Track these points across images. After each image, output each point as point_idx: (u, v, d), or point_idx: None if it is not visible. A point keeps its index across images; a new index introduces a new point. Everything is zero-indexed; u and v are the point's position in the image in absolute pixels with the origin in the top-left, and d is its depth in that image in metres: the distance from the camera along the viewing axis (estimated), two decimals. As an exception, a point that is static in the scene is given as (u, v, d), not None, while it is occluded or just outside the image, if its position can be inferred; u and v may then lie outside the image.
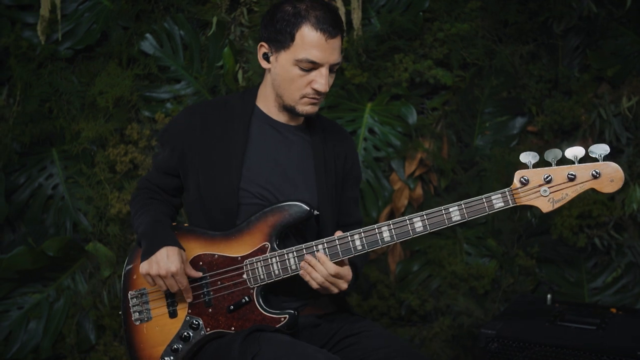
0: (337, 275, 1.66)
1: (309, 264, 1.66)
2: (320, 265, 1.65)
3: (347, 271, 1.70)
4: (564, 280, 2.94)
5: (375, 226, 1.67)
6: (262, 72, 1.87)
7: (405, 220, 1.67)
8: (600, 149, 1.63)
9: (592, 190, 1.65)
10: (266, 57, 1.76)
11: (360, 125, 3.03)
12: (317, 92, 1.72)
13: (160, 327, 1.73)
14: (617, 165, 1.62)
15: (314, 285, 1.68)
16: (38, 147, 3.03)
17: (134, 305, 1.75)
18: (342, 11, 2.93)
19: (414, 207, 2.99)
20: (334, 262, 1.66)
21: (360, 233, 1.66)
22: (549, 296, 2.47)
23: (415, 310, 2.97)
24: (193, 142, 1.79)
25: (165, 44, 2.98)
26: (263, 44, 1.76)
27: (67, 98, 2.98)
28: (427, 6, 2.93)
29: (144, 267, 1.67)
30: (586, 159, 1.65)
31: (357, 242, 1.66)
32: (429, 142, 3.01)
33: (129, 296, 1.75)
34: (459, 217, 1.66)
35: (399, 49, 2.96)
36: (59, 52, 2.96)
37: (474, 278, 2.93)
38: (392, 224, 1.67)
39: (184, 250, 1.71)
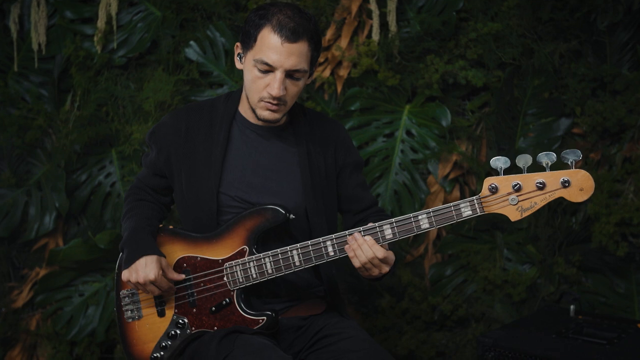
0: (383, 260, 1.70)
1: (356, 242, 1.70)
2: (366, 246, 1.69)
3: (392, 256, 1.74)
4: (611, 291, 2.78)
5: (348, 232, 1.73)
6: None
7: (376, 227, 1.70)
8: (572, 155, 1.59)
9: (562, 199, 1.61)
10: (240, 58, 1.83)
11: (398, 127, 3.02)
12: (271, 96, 1.74)
13: (150, 325, 1.85)
14: (587, 173, 1.59)
15: (356, 263, 1.71)
16: (98, 147, 3.28)
17: (125, 304, 1.88)
18: (376, 14, 2.93)
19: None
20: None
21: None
22: (572, 307, 2.36)
23: (448, 315, 2.92)
24: (178, 146, 1.88)
25: (207, 50, 3.12)
26: (238, 44, 1.83)
27: (121, 102, 3.21)
28: (462, 6, 2.86)
29: (125, 274, 1.79)
30: (559, 164, 1.61)
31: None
32: (465, 144, 2.94)
33: (121, 295, 1.89)
34: (427, 225, 1.68)
35: (433, 50, 2.91)
36: (113, 60, 3.18)
37: (510, 285, 2.84)
38: (363, 230, 1.71)
39: (164, 257, 1.80)
